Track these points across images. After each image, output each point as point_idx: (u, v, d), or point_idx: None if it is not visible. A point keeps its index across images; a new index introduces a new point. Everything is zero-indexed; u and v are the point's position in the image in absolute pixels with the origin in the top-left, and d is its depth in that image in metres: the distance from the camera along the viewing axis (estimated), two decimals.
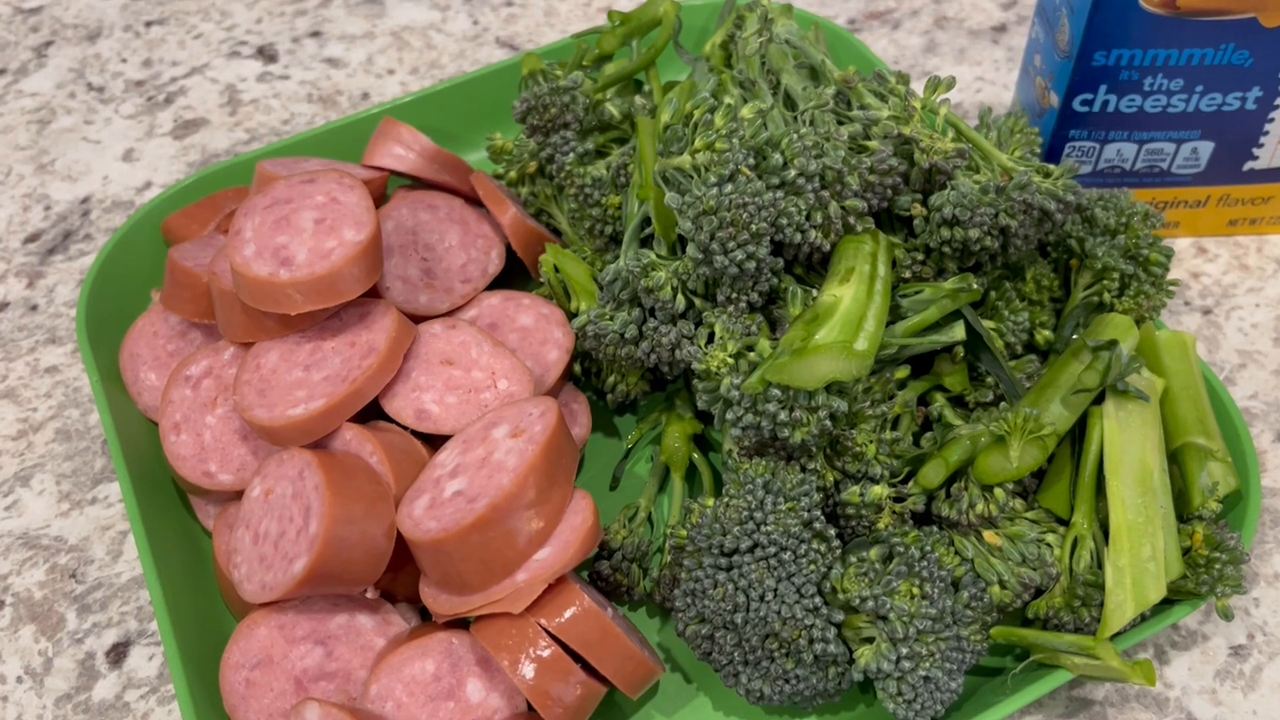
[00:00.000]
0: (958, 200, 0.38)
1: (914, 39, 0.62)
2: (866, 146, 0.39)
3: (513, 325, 0.44)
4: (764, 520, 0.35)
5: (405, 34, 0.64)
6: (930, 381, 0.40)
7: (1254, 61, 0.44)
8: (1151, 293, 0.42)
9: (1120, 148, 0.47)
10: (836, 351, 0.35)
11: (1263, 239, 0.51)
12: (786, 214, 0.38)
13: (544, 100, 0.46)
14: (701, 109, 0.40)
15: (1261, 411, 0.46)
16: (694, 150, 0.38)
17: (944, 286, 0.38)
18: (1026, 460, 0.36)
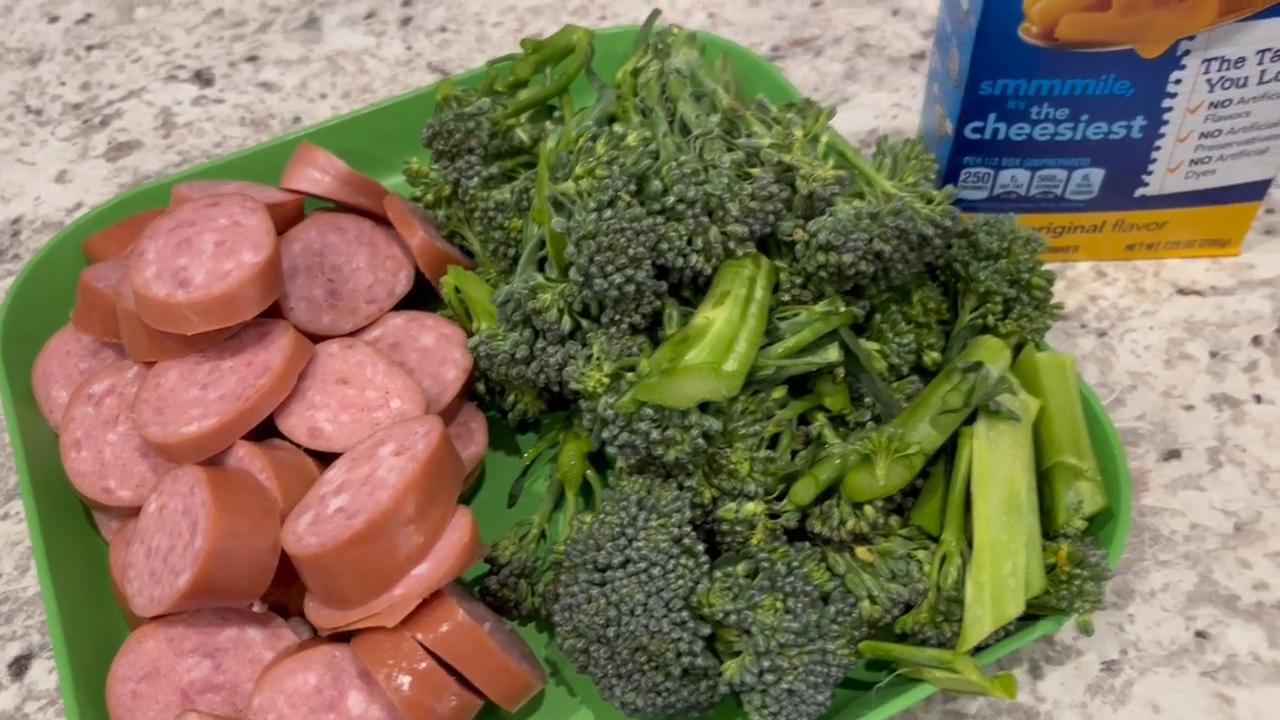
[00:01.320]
0: (832, 226, 0.39)
1: (835, 65, 0.63)
2: (750, 174, 0.41)
3: (414, 345, 0.45)
4: (635, 537, 0.36)
5: (340, 59, 0.66)
6: (811, 401, 0.41)
7: (1136, 92, 0.45)
8: (1034, 315, 0.44)
9: (1014, 174, 0.49)
10: (705, 372, 0.36)
11: (1160, 263, 0.52)
12: (667, 239, 0.39)
13: (449, 126, 0.47)
14: (584, 136, 0.41)
15: (1148, 432, 0.47)
16: (577, 176, 0.39)
17: (816, 310, 0.39)
18: (893, 479, 0.37)
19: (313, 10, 0.69)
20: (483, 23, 0.67)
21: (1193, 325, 0.50)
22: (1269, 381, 0.48)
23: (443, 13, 0.68)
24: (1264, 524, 0.44)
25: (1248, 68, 0.44)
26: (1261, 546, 0.43)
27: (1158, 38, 0.43)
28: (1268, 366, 0.48)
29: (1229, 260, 0.52)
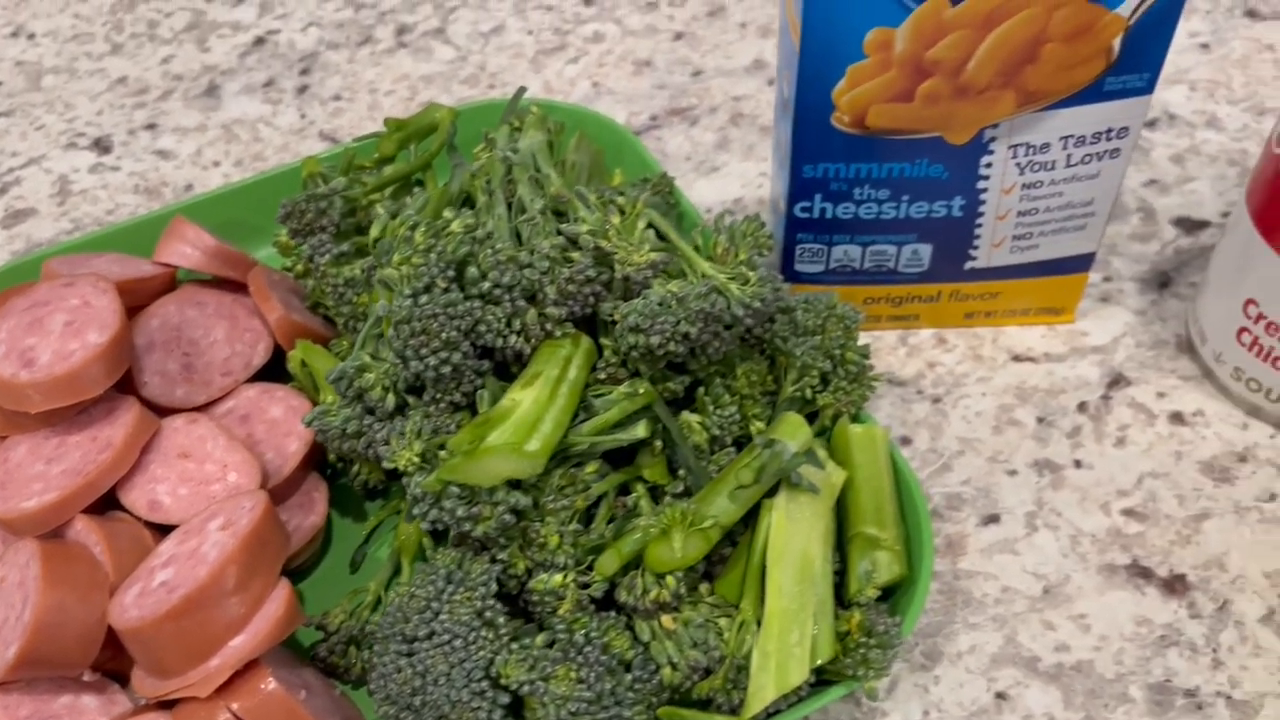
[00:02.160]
0: (641, 309, 0.41)
1: (709, 135, 0.65)
2: (570, 258, 0.43)
3: (263, 417, 0.47)
4: (441, 610, 0.38)
5: (235, 127, 0.68)
6: (631, 472, 0.43)
7: (950, 175, 0.47)
8: (849, 388, 0.46)
9: (846, 249, 0.51)
10: (507, 452, 0.38)
11: (999, 330, 0.55)
12: (485, 321, 0.41)
13: (301, 206, 0.49)
14: (404, 225, 0.43)
15: (971, 497, 0.49)
16: (396, 264, 0.42)
17: (621, 390, 0.41)
18: (690, 551, 0.39)
19: (214, 78, 0.71)
20: (375, 91, 0.70)
21: (1024, 392, 0.52)
22: (1090, 447, 0.50)
23: (338, 81, 0.70)
24: (1071, 587, 0.46)
25: (1053, 152, 0.47)
26: (1066, 609, 0.45)
27: (962, 126, 0.45)
28: (1090, 432, 0.51)
29: (1064, 327, 0.55)
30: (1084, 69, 0.44)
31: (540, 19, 0.74)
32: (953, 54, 0.43)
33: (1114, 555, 0.47)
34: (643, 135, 0.66)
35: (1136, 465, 0.49)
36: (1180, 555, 0.46)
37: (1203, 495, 0.48)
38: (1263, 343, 0.48)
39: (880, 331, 0.55)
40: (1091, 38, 0.43)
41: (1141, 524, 0.48)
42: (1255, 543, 0.47)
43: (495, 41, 0.72)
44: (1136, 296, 0.56)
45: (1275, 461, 0.49)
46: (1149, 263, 0.57)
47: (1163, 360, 0.53)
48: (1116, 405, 0.52)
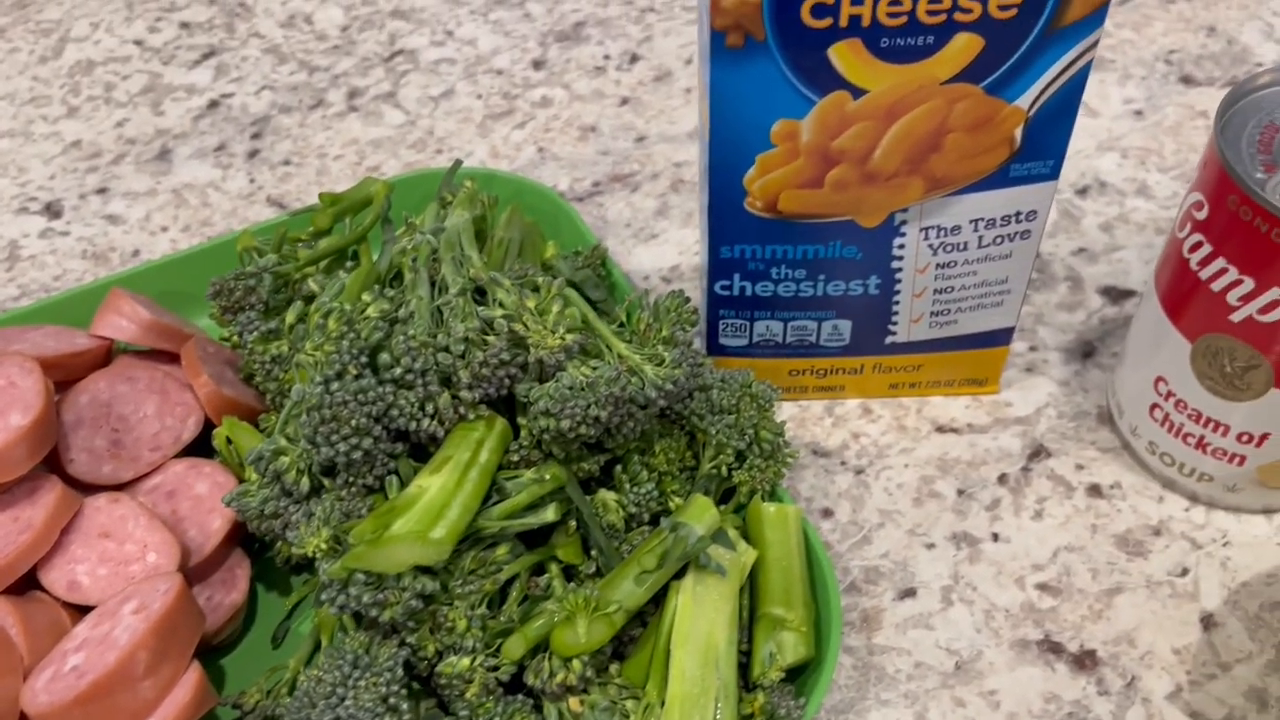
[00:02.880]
0: (552, 394, 0.42)
1: (649, 201, 0.67)
2: (487, 341, 0.44)
3: (189, 493, 0.48)
4: (345, 696, 0.39)
5: (185, 191, 0.69)
6: (544, 553, 0.44)
7: (864, 255, 0.48)
8: (764, 466, 0.47)
9: (768, 324, 0.52)
10: (412, 540, 0.39)
11: (924, 400, 0.56)
12: (398, 406, 0.42)
13: (229, 285, 0.50)
14: (318, 312, 0.44)
15: (889, 570, 0.50)
16: (309, 351, 0.42)
17: (529, 475, 0.42)
18: (595, 635, 0.40)
19: (167, 142, 0.72)
20: (325, 156, 0.71)
21: (946, 463, 0.53)
22: (1008, 520, 0.51)
23: (288, 145, 0.71)
24: (983, 663, 0.46)
25: (964, 234, 0.48)
26: (977, 685, 0.46)
27: (872, 211, 0.46)
28: (1009, 505, 0.51)
29: (989, 398, 0.56)
30: (988, 157, 0.45)
31: (490, 83, 0.75)
32: (858, 144, 0.44)
33: (1027, 630, 0.47)
34: (585, 201, 0.67)
35: (1053, 539, 0.50)
36: (1091, 631, 0.47)
37: (1116, 569, 0.49)
38: (1173, 419, 0.49)
39: (807, 401, 0.56)
40: (993, 128, 0.44)
41: (1055, 599, 0.48)
42: (1165, 618, 0.47)
43: (445, 106, 0.74)
44: (1061, 366, 0.57)
45: (1189, 535, 0.50)
46: (1074, 332, 0.58)
47: (1084, 431, 0.54)
48: (1036, 477, 0.52)
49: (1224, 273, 0.43)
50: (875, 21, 0.40)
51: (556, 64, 0.76)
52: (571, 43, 0.78)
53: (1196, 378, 0.47)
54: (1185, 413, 0.48)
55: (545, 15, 0.80)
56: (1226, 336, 0.45)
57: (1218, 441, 0.48)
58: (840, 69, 0.41)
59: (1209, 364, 0.46)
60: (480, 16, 0.81)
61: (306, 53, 0.78)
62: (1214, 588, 0.48)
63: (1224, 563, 0.49)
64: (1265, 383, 0.45)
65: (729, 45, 0.41)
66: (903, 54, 0.41)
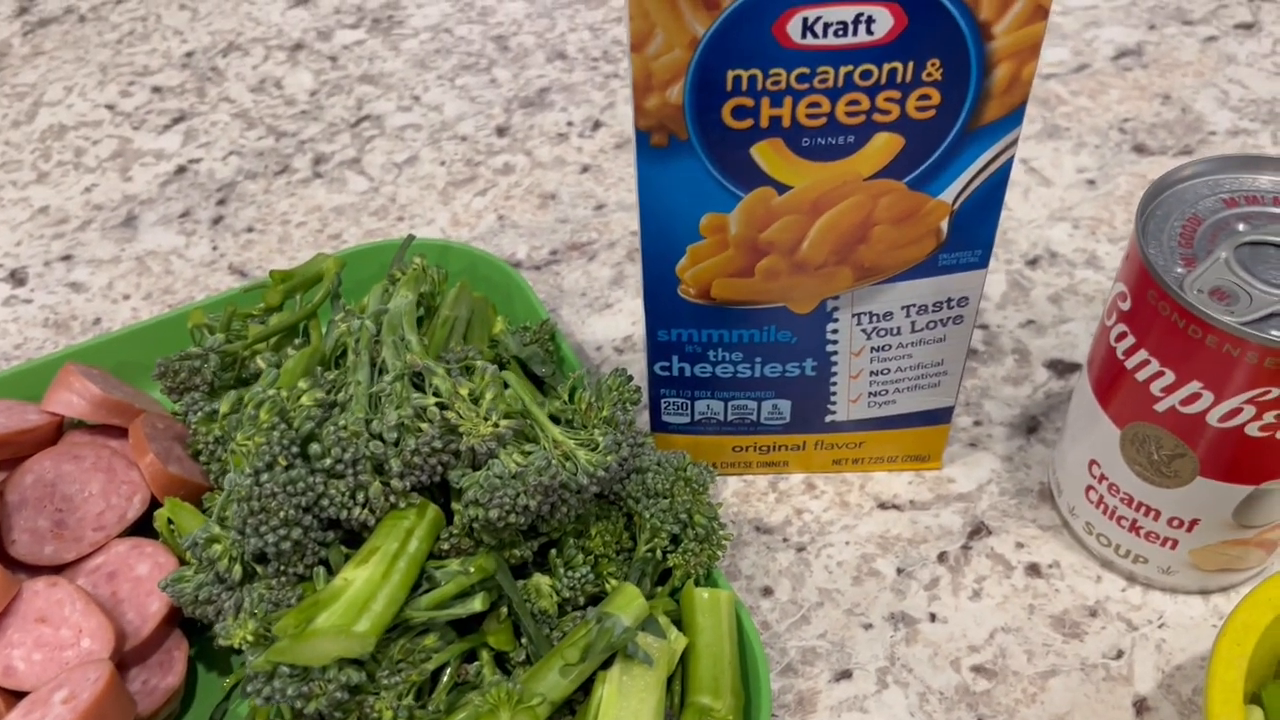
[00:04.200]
0: (482, 483, 0.43)
1: (605, 270, 0.67)
2: (421, 429, 0.44)
3: (130, 574, 0.48)
4: None
5: (148, 259, 0.70)
6: (475, 640, 0.44)
7: (798, 340, 0.49)
8: (698, 549, 0.47)
9: (709, 403, 0.52)
10: (336, 634, 0.39)
11: (867, 476, 0.56)
12: (329, 495, 0.43)
13: (174, 366, 0.51)
14: (251, 402, 0.44)
15: (826, 651, 0.50)
16: (240, 442, 0.43)
17: (453, 566, 0.43)
18: None
19: (133, 208, 0.73)
20: (288, 223, 0.72)
21: (886, 541, 0.53)
22: (946, 599, 0.51)
23: (252, 212, 0.72)
24: None
25: (897, 319, 0.48)
26: None
27: (804, 298, 0.47)
28: (947, 584, 0.52)
29: (932, 474, 0.56)
30: (915, 248, 0.45)
31: (454, 149, 0.76)
32: (785, 236, 0.44)
33: (960, 714, 0.47)
34: (542, 270, 0.68)
35: (990, 619, 0.50)
36: (1025, 715, 0.47)
37: (1052, 651, 0.49)
38: (1107, 502, 0.49)
39: (752, 476, 0.56)
40: (918, 221, 0.44)
41: (990, 681, 0.48)
42: (1098, 702, 0.48)
43: (408, 172, 0.75)
44: (1004, 442, 0.57)
45: (1125, 616, 0.50)
46: (1020, 407, 0.59)
47: (1025, 509, 0.54)
48: (976, 555, 0.53)
49: (1147, 363, 0.44)
50: (795, 122, 0.41)
51: (520, 130, 0.77)
52: (536, 109, 0.79)
53: (1126, 463, 0.47)
54: (1118, 496, 0.48)
55: (511, 81, 0.81)
56: (1152, 425, 0.45)
57: (1150, 525, 0.48)
58: (764, 167, 0.42)
59: (1137, 451, 0.46)
60: (447, 82, 0.82)
61: (275, 118, 0.80)
62: (1148, 670, 0.48)
63: (1159, 645, 0.49)
64: (1191, 471, 0.45)
65: (654, 145, 0.42)
66: (824, 153, 0.42)
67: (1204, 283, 0.42)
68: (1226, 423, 0.43)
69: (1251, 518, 0.46)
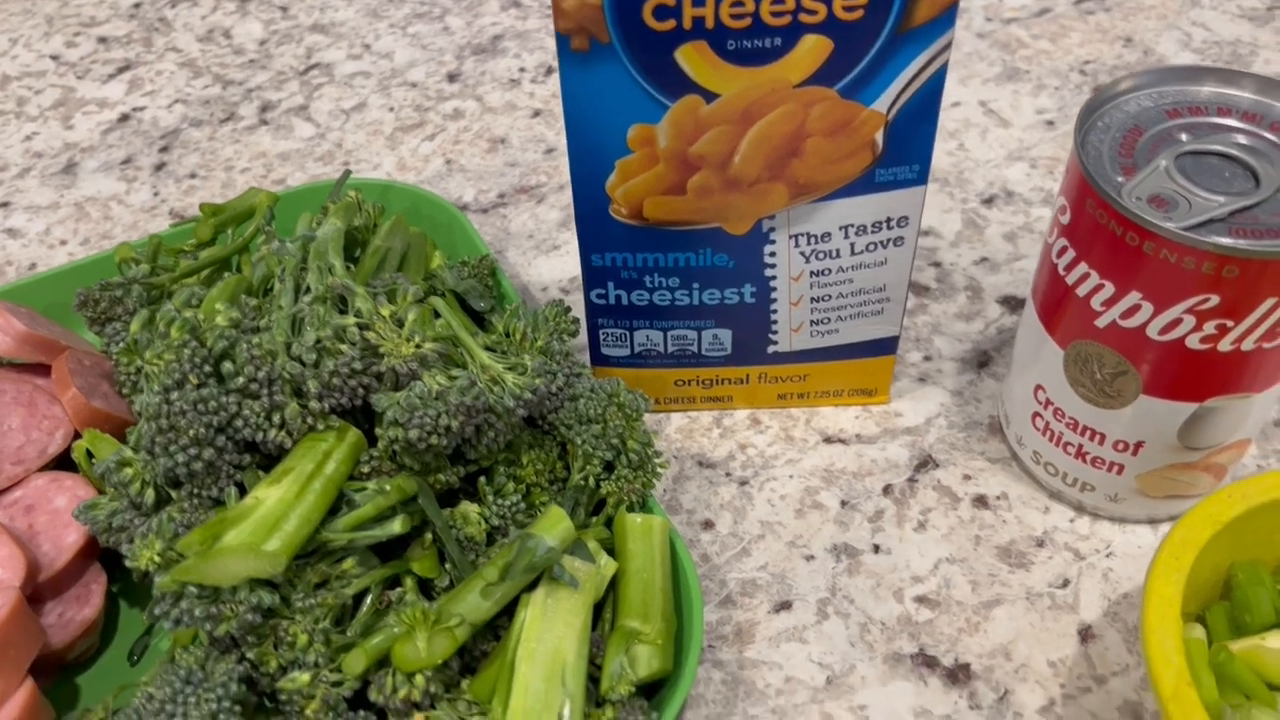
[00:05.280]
0: (402, 403, 0.41)
1: (554, 213, 0.66)
2: (340, 350, 0.43)
3: (47, 507, 0.47)
4: (175, 712, 0.38)
5: (88, 205, 0.68)
6: (399, 566, 0.43)
7: (735, 264, 0.48)
8: (631, 477, 0.46)
9: (648, 334, 0.51)
10: (244, 553, 0.38)
11: (814, 411, 0.55)
12: (243, 416, 0.41)
13: (95, 295, 0.49)
14: (162, 320, 0.43)
15: (766, 583, 0.49)
16: (149, 360, 0.42)
17: (370, 486, 0.41)
18: (436, 650, 0.39)
19: (73, 156, 0.72)
20: (231, 169, 0.70)
21: (831, 474, 0.52)
22: (890, 531, 0.50)
23: (196, 159, 0.71)
24: (854, 677, 0.45)
25: (835, 241, 0.47)
26: (847, 699, 0.45)
27: (739, 218, 0.46)
28: (892, 517, 0.51)
29: (879, 408, 0.55)
30: (851, 162, 0.44)
31: (403, 96, 0.75)
32: (716, 149, 0.43)
33: (902, 644, 0.46)
34: (489, 213, 0.66)
35: (935, 551, 0.49)
36: (967, 644, 0.46)
37: (997, 581, 0.48)
38: (1053, 428, 0.48)
39: (696, 412, 0.55)
40: (852, 133, 0.43)
41: (933, 611, 0.47)
42: (1043, 630, 0.46)
43: (356, 119, 0.73)
44: (955, 377, 0.56)
45: (1072, 546, 0.49)
46: (971, 342, 0.58)
47: (973, 442, 0.53)
48: (922, 488, 0.52)
49: (1087, 277, 0.43)
50: (719, 23, 0.39)
51: (471, 77, 0.76)
52: (488, 55, 0.77)
53: (1070, 385, 0.46)
54: (1064, 421, 0.47)
55: (464, 29, 0.80)
56: (1094, 343, 0.44)
57: (1096, 450, 0.47)
58: (689, 72, 0.41)
59: (1080, 371, 0.45)
60: (399, 30, 0.80)
61: (222, 67, 0.78)
62: (1094, 599, 0.47)
63: (1106, 574, 0.48)
64: (1134, 390, 0.44)
65: (574, 49, 0.40)
66: (750, 56, 0.40)
67: (1143, 190, 0.41)
68: (1166, 335, 0.41)
69: (1196, 438, 0.45)
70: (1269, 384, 0.43)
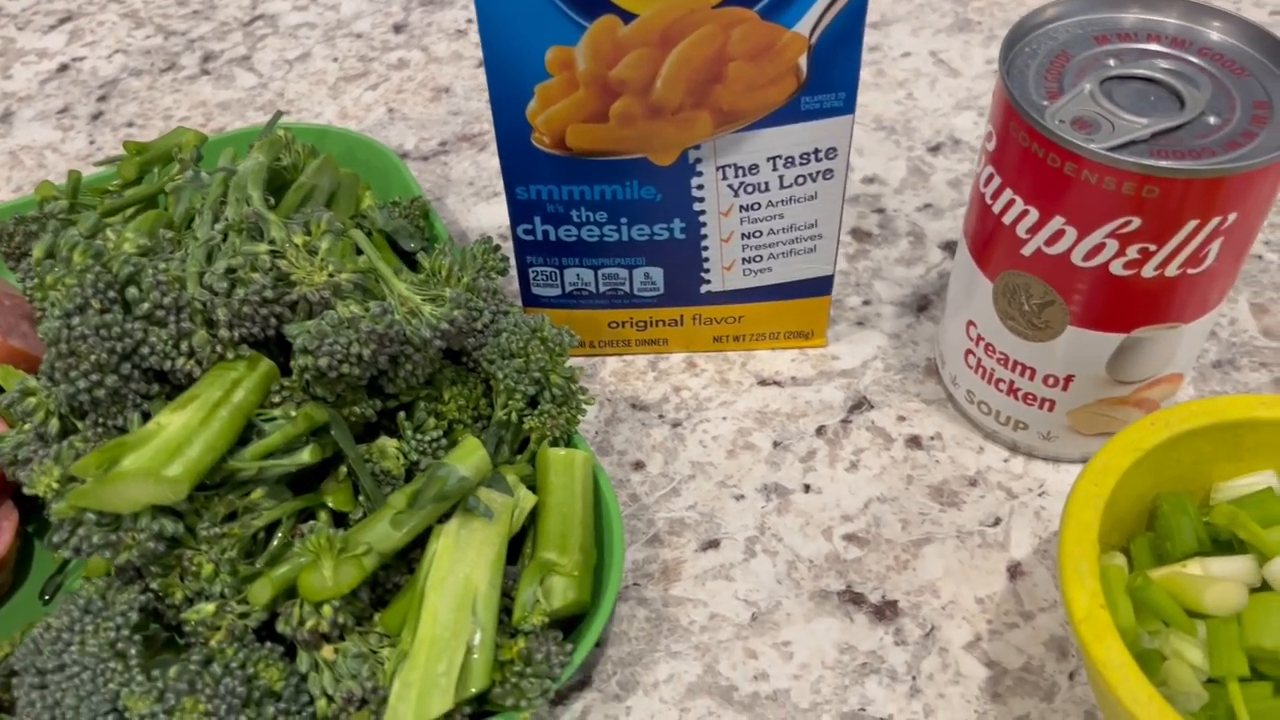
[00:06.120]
0: (312, 330, 0.40)
1: (495, 161, 0.65)
2: (253, 278, 0.42)
3: None
4: (72, 641, 0.37)
5: (21, 153, 0.67)
6: (313, 499, 0.42)
7: (663, 197, 0.47)
8: (555, 412, 0.45)
9: (579, 272, 0.50)
10: (144, 477, 0.37)
11: (750, 355, 0.54)
12: (149, 344, 0.40)
13: (8, 230, 0.48)
14: (66, 245, 0.42)
15: (695, 522, 0.48)
16: (48, 286, 0.41)
17: (275, 413, 0.41)
18: (343, 579, 0.38)
19: (9, 105, 0.70)
20: (170, 118, 0.69)
21: (764, 416, 0.52)
22: (822, 471, 0.49)
23: (134, 108, 0.70)
24: (780, 614, 0.45)
25: (764, 173, 0.46)
26: (772, 636, 0.44)
27: (663, 147, 0.45)
28: (824, 457, 0.50)
29: (816, 351, 0.54)
30: (775, 89, 0.43)
31: (348, 46, 0.74)
32: (636, 73, 0.42)
33: (829, 581, 0.46)
34: (430, 160, 0.65)
35: (866, 490, 0.49)
36: (895, 581, 0.46)
37: (928, 520, 0.48)
38: (985, 364, 0.47)
39: (631, 356, 0.54)
40: (775, 56, 0.42)
41: (861, 549, 0.47)
42: (972, 568, 0.46)
43: (299, 69, 0.72)
44: (893, 320, 0.55)
45: (1005, 485, 0.49)
46: (911, 287, 0.57)
47: (909, 384, 0.53)
48: (855, 429, 0.51)
49: (1012, 204, 0.42)
50: None
51: (418, 27, 0.75)
52: (435, 6, 0.76)
53: (1000, 318, 0.45)
54: (995, 357, 0.47)
55: None
56: (1021, 273, 0.43)
57: (1027, 386, 0.46)
58: None
59: (1010, 303, 0.45)
60: None
61: (165, 17, 0.77)
62: (1025, 537, 0.47)
63: (1038, 512, 0.48)
64: (1062, 320, 0.43)
65: None
66: None
67: (1066, 113, 0.40)
68: (1090, 261, 0.41)
69: (1126, 371, 0.44)
70: (1197, 314, 0.43)
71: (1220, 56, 0.42)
